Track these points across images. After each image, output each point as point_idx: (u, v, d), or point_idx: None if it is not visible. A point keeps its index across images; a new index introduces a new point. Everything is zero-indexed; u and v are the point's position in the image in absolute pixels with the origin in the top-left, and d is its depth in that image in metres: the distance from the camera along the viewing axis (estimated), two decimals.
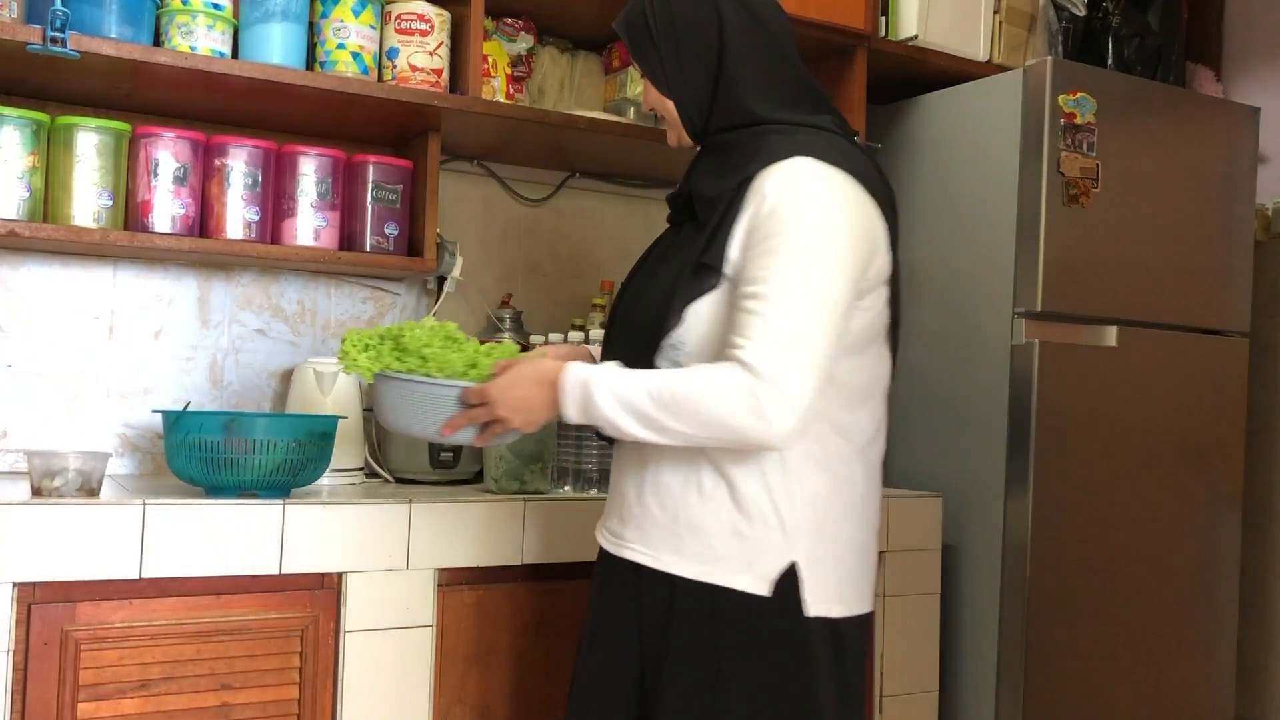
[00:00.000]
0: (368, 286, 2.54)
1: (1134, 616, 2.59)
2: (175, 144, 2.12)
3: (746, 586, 1.42)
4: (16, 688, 1.68)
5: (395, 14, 2.25)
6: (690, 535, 1.45)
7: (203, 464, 1.86)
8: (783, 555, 1.43)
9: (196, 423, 1.87)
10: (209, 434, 1.85)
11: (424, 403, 1.56)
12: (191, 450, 1.86)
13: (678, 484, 1.47)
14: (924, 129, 2.76)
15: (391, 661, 1.92)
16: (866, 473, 1.53)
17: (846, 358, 1.44)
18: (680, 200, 1.57)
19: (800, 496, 1.44)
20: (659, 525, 1.48)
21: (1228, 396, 2.75)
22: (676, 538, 1.46)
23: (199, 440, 1.85)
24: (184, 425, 1.87)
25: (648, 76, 1.58)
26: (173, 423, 1.89)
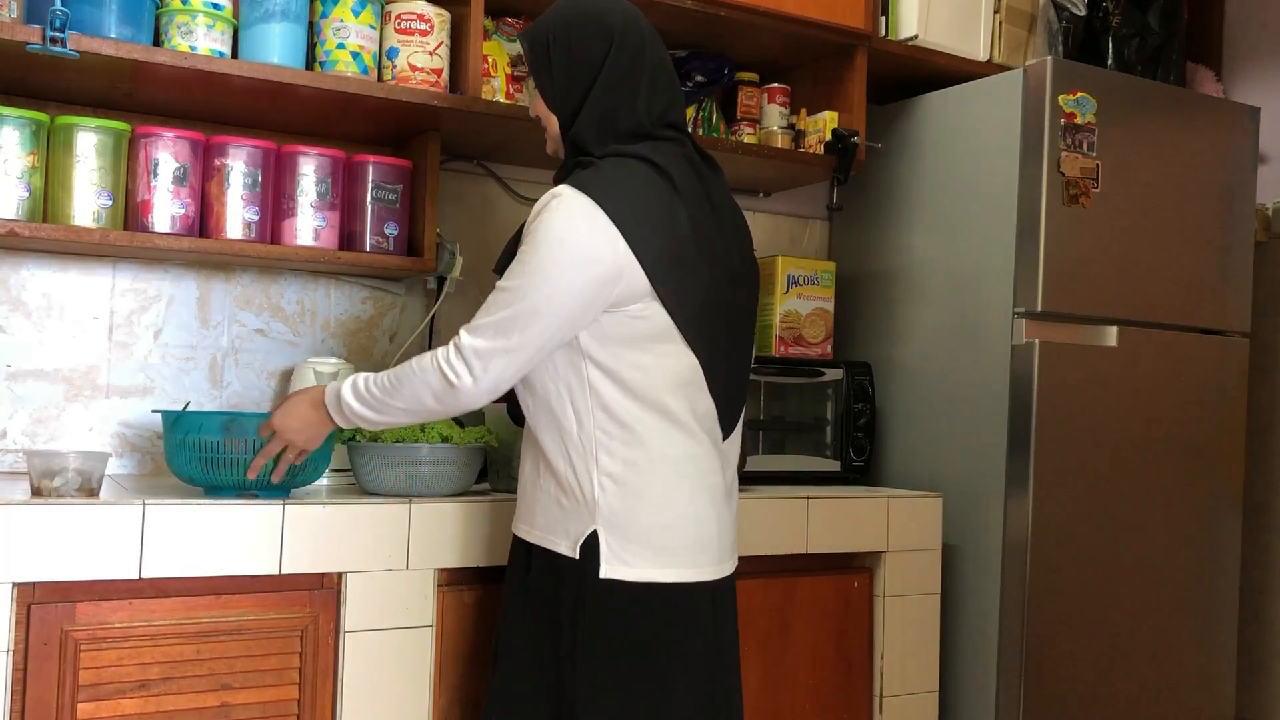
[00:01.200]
0: (367, 286, 2.54)
1: (1134, 616, 2.59)
2: (175, 144, 2.12)
3: (563, 549, 1.66)
4: (16, 688, 1.68)
5: (395, 14, 2.25)
6: (533, 508, 1.72)
7: (202, 464, 1.86)
8: (586, 524, 1.64)
9: (196, 423, 1.87)
10: (208, 434, 1.85)
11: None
12: (191, 450, 1.86)
13: (528, 466, 1.74)
14: (924, 129, 2.76)
15: (391, 661, 1.92)
16: (687, 454, 1.66)
17: (624, 352, 1.63)
18: None
19: (598, 475, 1.64)
20: (521, 501, 1.76)
21: (1228, 396, 2.75)
22: (528, 510, 1.73)
23: (198, 440, 1.85)
24: (184, 425, 1.87)
25: (540, 91, 1.75)
26: (172, 423, 1.89)
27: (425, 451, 1.98)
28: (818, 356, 2.76)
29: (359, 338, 2.52)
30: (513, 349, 1.61)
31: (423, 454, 1.98)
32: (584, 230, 1.59)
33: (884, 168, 2.84)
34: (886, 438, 2.77)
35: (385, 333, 2.55)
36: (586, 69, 1.69)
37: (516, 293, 1.61)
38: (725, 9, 2.46)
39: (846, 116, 2.67)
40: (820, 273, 2.78)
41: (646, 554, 1.63)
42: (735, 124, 2.75)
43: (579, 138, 1.71)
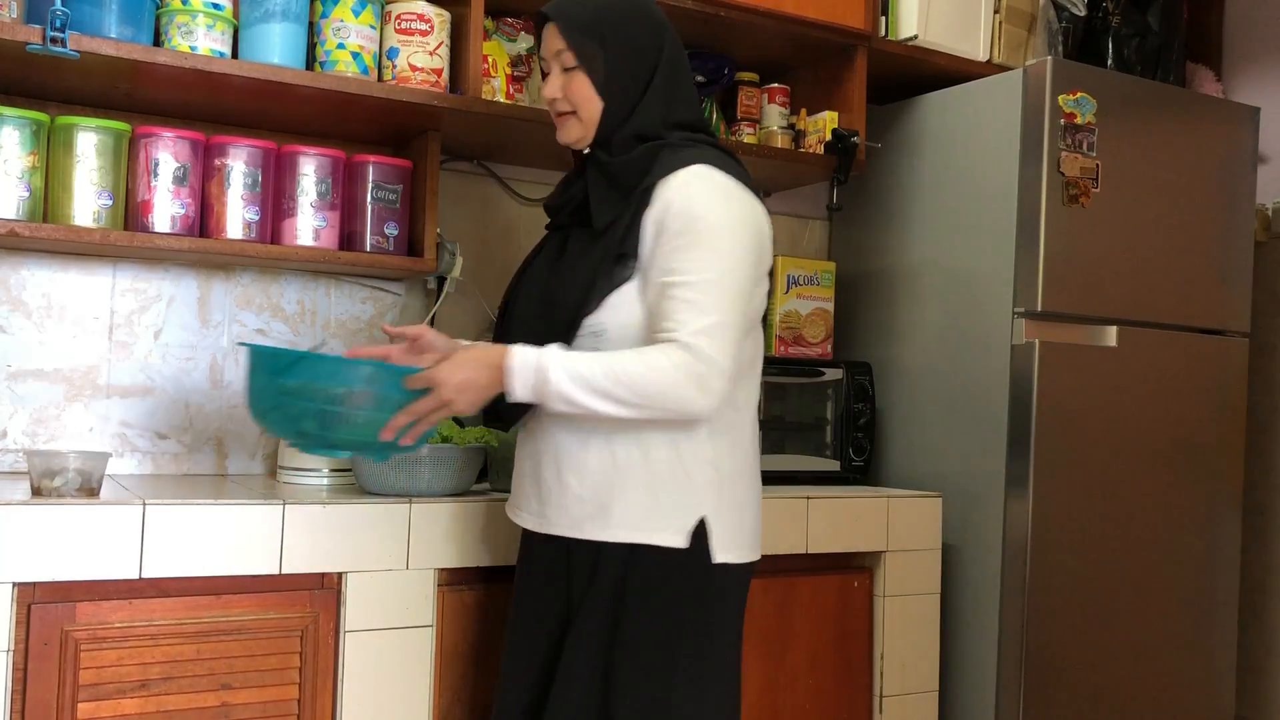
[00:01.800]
0: (368, 286, 2.54)
1: (1134, 616, 2.59)
2: (175, 144, 2.12)
3: (665, 541, 1.60)
4: (16, 688, 1.68)
5: (395, 14, 2.25)
6: (611, 504, 1.62)
7: (319, 418, 1.58)
8: (694, 511, 1.62)
9: (326, 369, 1.59)
10: (338, 384, 1.57)
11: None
12: (305, 400, 1.57)
13: (593, 459, 1.63)
14: (924, 129, 2.76)
15: (391, 661, 1.92)
16: (752, 438, 1.74)
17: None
18: (568, 208, 1.74)
19: (705, 459, 1.63)
20: (581, 500, 1.64)
21: (1228, 396, 2.75)
22: (600, 508, 1.62)
23: (323, 390, 1.57)
24: (304, 370, 1.58)
25: (586, 73, 1.67)
26: (287, 365, 1.60)
27: (425, 451, 1.98)
28: (818, 356, 2.76)
29: (359, 338, 2.52)
30: (738, 342, 1.59)
31: (423, 454, 1.98)
32: (747, 205, 1.63)
33: (884, 168, 2.84)
34: (886, 438, 2.77)
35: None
36: (648, 56, 1.68)
37: (716, 283, 1.56)
38: (725, 9, 2.46)
39: (846, 116, 2.67)
40: (820, 273, 2.78)
41: (741, 537, 1.68)
42: (735, 124, 2.75)
43: (643, 126, 1.68)
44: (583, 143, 1.72)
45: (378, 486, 1.99)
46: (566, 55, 1.68)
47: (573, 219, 1.74)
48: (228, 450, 2.38)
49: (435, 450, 1.99)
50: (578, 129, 1.72)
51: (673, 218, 1.58)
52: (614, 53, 1.67)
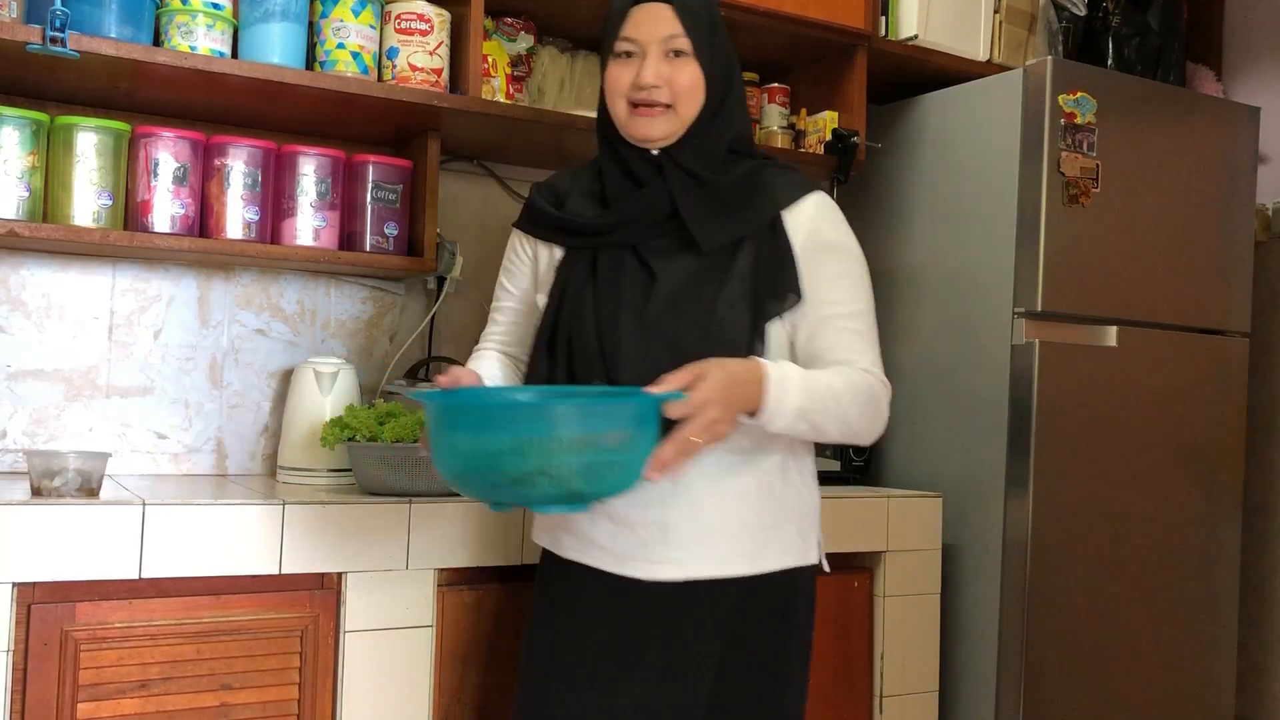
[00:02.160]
0: (368, 286, 2.54)
1: (1134, 616, 2.59)
2: (175, 144, 2.12)
3: (810, 559, 1.64)
4: (16, 688, 1.68)
5: (395, 14, 2.25)
6: (767, 533, 1.58)
7: (586, 471, 1.28)
8: (814, 526, 1.67)
9: (567, 418, 1.27)
10: (580, 428, 1.27)
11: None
12: (578, 454, 1.26)
13: (743, 492, 1.56)
14: (924, 129, 2.76)
15: (391, 661, 1.92)
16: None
17: None
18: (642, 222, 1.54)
19: (809, 474, 1.68)
20: (733, 536, 1.55)
21: (1228, 396, 2.75)
22: (757, 540, 1.57)
23: (566, 439, 1.26)
24: (542, 419, 1.28)
25: (698, 62, 1.55)
26: (523, 415, 1.31)
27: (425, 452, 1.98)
28: None
29: (359, 338, 2.52)
30: None
31: (423, 454, 1.98)
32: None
33: (884, 168, 2.84)
34: (886, 438, 2.77)
35: (385, 333, 2.55)
36: (734, 59, 1.63)
37: (870, 312, 1.60)
38: (725, 9, 2.44)
39: (846, 116, 2.67)
40: None
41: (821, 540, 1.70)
42: None
43: (734, 135, 1.60)
44: (665, 142, 1.56)
45: (378, 486, 1.99)
46: (680, 40, 1.53)
47: (647, 234, 1.55)
48: (228, 450, 2.38)
49: None
50: (669, 124, 1.55)
51: (826, 250, 1.55)
52: (720, 48, 1.58)
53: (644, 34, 1.54)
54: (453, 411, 1.33)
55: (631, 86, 1.54)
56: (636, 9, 1.55)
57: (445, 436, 1.31)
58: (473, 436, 1.28)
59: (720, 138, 1.59)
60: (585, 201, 1.62)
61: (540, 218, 1.66)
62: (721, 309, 1.50)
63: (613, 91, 1.57)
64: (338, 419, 2.04)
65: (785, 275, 1.53)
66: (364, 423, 2.01)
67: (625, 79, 1.55)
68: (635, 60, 1.55)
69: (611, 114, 1.59)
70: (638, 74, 1.54)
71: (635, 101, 1.55)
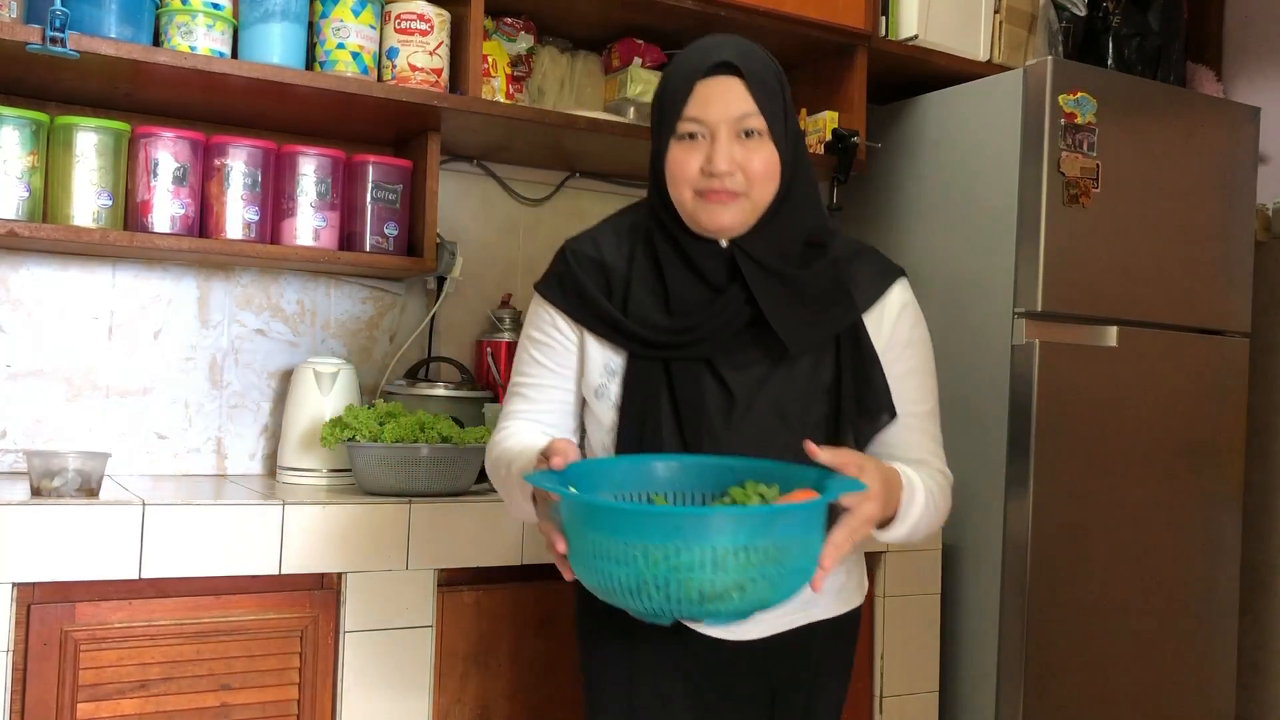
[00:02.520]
0: (367, 286, 2.54)
1: (1134, 616, 2.58)
2: (175, 144, 2.12)
3: (860, 600, 1.59)
4: (16, 688, 1.68)
5: (395, 14, 2.25)
6: (845, 576, 1.55)
7: (771, 578, 1.15)
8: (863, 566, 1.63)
9: (788, 520, 1.16)
10: (778, 536, 1.14)
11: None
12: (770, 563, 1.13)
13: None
14: (924, 129, 2.76)
15: (391, 661, 1.92)
16: None
17: None
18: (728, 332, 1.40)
19: None
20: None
21: (1228, 396, 2.75)
22: (838, 585, 1.53)
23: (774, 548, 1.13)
24: (770, 525, 1.14)
25: (774, 140, 1.38)
26: (738, 523, 1.13)
27: (425, 452, 1.98)
28: None
29: (359, 338, 2.52)
30: None
31: (422, 454, 1.98)
32: None
33: (884, 168, 2.84)
34: None
35: (385, 333, 2.55)
36: (800, 131, 1.46)
37: (937, 406, 1.54)
38: (725, 9, 2.46)
39: (846, 116, 2.67)
40: None
41: None
42: None
43: (811, 220, 1.45)
44: (736, 231, 1.40)
45: (378, 487, 1.99)
46: (754, 119, 1.36)
47: (725, 345, 1.41)
48: (228, 450, 2.38)
49: (435, 450, 1.99)
50: (742, 213, 1.38)
51: (902, 346, 1.48)
52: (791, 122, 1.40)
53: (713, 113, 1.36)
54: (636, 520, 1.14)
55: (701, 174, 1.37)
56: (704, 83, 1.36)
57: (615, 546, 1.13)
58: (660, 546, 1.11)
59: (797, 227, 1.43)
60: (649, 300, 1.43)
61: (597, 313, 1.46)
62: (811, 431, 1.39)
63: (677, 179, 1.38)
64: (338, 419, 2.04)
65: (877, 392, 1.43)
66: (364, 423, 2.01)
67: (692, 165, 1.37)
68: (702, 143, 1.37)
69: (675, 202, 1.40)
70: (708, 159, 1.36)
71: (706, 190, 1.37)
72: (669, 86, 1.40)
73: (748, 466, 1.31)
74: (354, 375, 2.28)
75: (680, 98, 1.37)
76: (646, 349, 1.42)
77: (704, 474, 1.32)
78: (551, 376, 1.52)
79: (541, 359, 1.52)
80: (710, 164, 1.35)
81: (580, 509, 1.18)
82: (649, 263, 1.45)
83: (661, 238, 1.44)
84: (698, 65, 1.37)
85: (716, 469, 1.32)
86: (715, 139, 1.36)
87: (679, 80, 1.38)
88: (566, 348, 1.50)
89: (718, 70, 1.35)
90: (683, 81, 1.37)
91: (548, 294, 1.51)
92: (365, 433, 1.99)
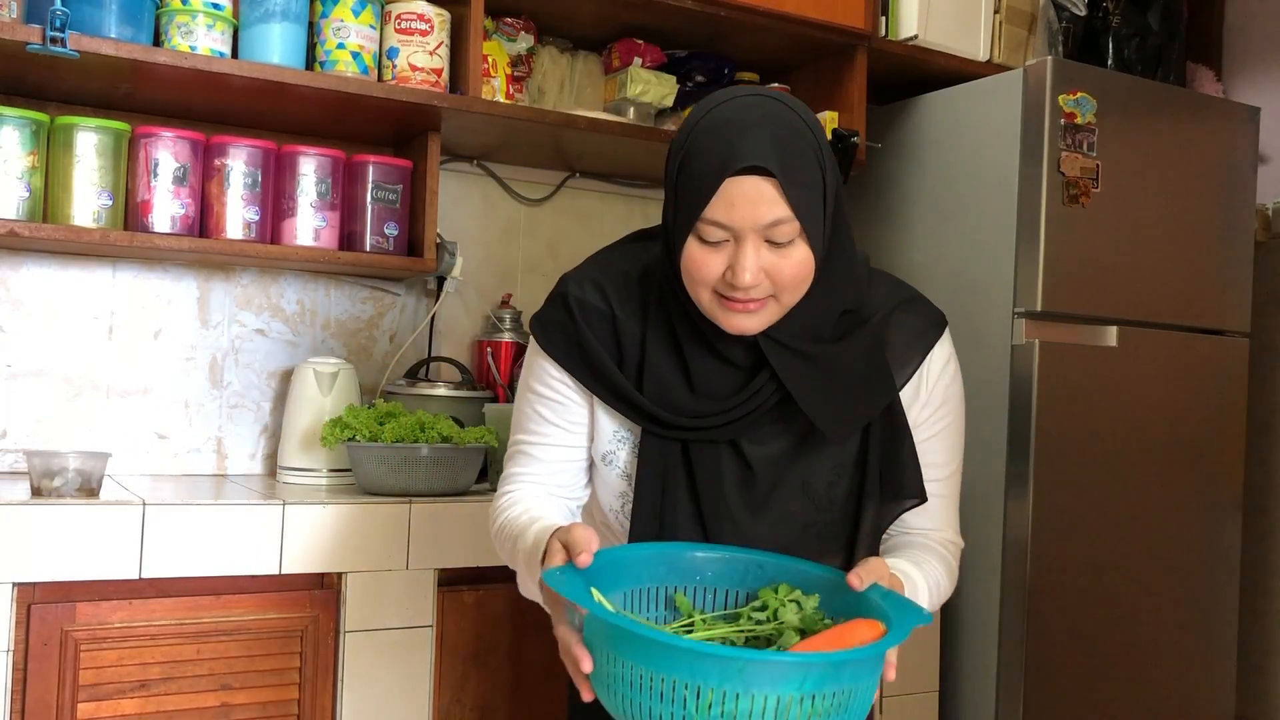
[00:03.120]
0: (367, 286, 2.54)
1: (1134, 616, 2.58)
2: (175, 144, 2.12)
3: None
4: (16, 688, 1.68)
5: (395, 14, 2.25)
6: None
7: None
8: None
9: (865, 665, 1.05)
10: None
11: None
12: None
13: None
14: (924, 129, 2.76)
15: (391, 661, 1.92)
16: None
17: None
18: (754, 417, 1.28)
19: None
20: None
21: (1228, 396, 2.75)
22: None
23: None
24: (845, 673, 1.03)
25: (809, 244, 1.20)
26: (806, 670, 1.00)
27: (425, 452, 1.98)
28: None
29: (359, 338, 2.52)
30: None
31: (423, 454, 1.98)
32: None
33: (884, 168, 2.84)
34: None
35: (385, 333, 2.55)
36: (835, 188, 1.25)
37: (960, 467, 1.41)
38: (725, 9, 2.46)
39: (846, 116, 2.67)
40: None
41: None
42: None
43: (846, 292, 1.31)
44: (753, 331, 1.25)
45: (377, 487, 1.99)
46: (789, 225, 1.18)
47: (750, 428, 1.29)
48: (227, 450, 2.38)
49: (435, 450, 1.99)
50: (770, 316, 1.24)
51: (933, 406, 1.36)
52: (832, 193, 1.23)
53: (740, 219, 1.17)
54: (692, 659, 1.00)
55: (722, 281, 1.21)
56: (732, 183, 1.17)
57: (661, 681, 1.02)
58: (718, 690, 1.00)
59: (832, 304, 1.29)
60: (670, 375, 1.30)
61: (610, 386, 1.32)
62: (836, 508, 1.31)
63: (696, 280, 1.22)
64: (338, 419, 2.04)
65: (905, 474, 1.31)
66: (364, 423, 2.01)
67: (712, 269, 1.21)
68: (726, 247, 1.20)
69: (692, 298, 1.25)
70: (730, 268, 1.19)
71: (728, 297, 1.21)
72: (692, 175, 1.20)
73: (778, 565, 1.22)
74: (354, 375, 2.28)
75: (704, 194, 1.18)
76: (666, 430, 1.30)
77: (730, 569, 1.23)
78: (561, 435, 1.38)
79: (550, 416, 1.38)
80: (734, 276, 1.19)
81: (618, 633, 1.04)
82: (665, 327, 1.31)
83: (679, 315, 1.29)
84: (726, 159, 1.17)
85: (744, 565, 1.23)
86: (740, 244, 1.18)
87: (705, 172, 1.19)
88: (578, 404, 1.37)
89: (748, 171, 1.17)
90: (708, 173, 1.19)
91: (551, 350, 1.35)
92: (365, 433, 1.99)
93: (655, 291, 1.32)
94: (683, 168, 1.22)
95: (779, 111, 1.21)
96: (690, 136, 1.22)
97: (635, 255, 1.37)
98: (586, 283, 1.35)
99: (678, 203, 1.23)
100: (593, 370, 1.32)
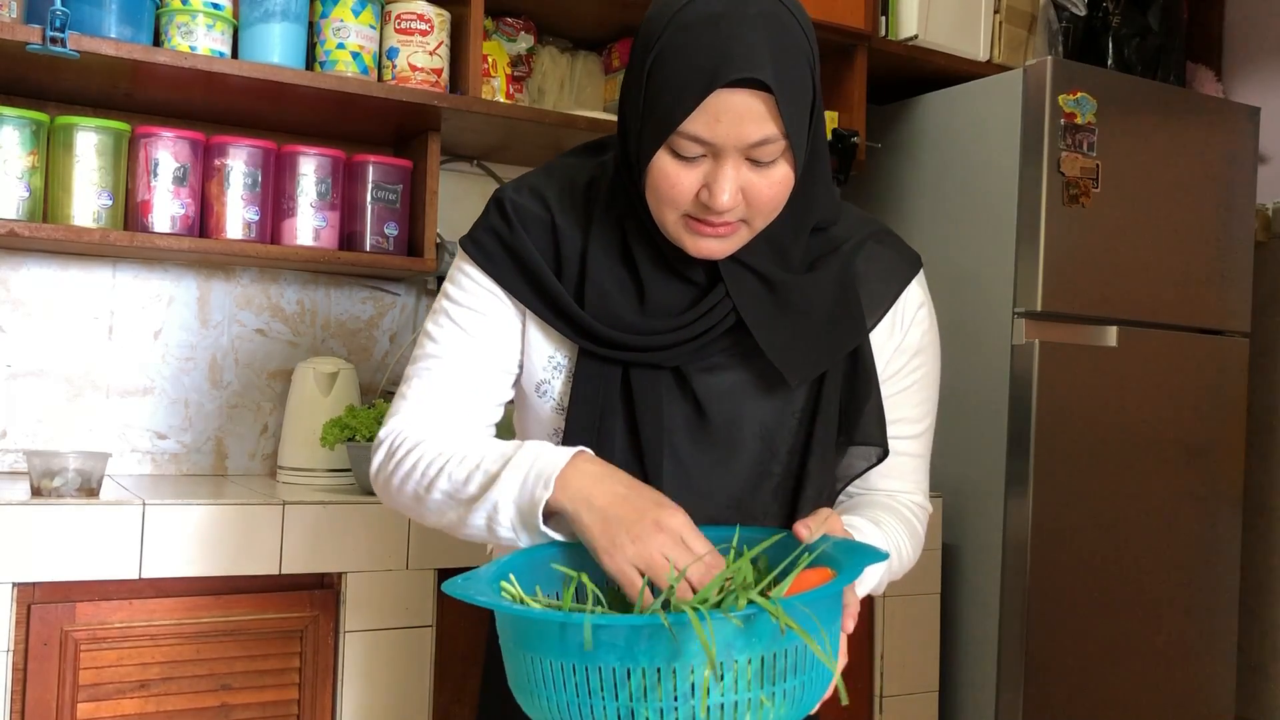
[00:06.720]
0: (367, 286, 2.54)
1: (1134, 616, 2.59)
2: (175, 144, 2.12)
3: None
4: (16, 688, 1.68)
5: (395, 14, 2.25)
6: None
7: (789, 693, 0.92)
8: None
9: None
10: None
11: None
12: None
13: None
14: (924, 129, 2.76)
15: (391, 661, 1.92)
16: None
17: None
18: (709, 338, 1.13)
19: None
20: None
21: (1228, 396, 2.75)
22: None
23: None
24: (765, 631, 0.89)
25: (793, 165, 1.07)
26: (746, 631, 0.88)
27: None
28: None
29: (359, 338, 2.52)
30: None
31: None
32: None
33: (884, 168, 2.84)
34: None
35: (385, 333, 2.55)
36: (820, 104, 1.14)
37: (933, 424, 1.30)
38: None
39: (846, 116, 2.67)
40: None
41: None
42: None
43: (820, 213, 1.17)
44: (722, 255, 1.11)
45: None
46: (776, 144, 1.04)
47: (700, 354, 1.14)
48: (228, 450, 2.38)
49: None
50: (739, 241, 1.10)
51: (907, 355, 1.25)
52: (819, 106, 1.12)
53: (724, 136, 1.02)
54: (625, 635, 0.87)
55: (695, 202, 1.06)
56: (721, 95, 1.01)
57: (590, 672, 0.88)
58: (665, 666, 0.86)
59: (801, 224, 1.15)
60: (615, 290, 1.14)
61: (547, 298, 1.16)
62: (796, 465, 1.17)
63: (663, 199, 1.06)
64: (338, 419, 2.04)
65: (871, 425, 1.17)
66: (364, 423, 2.01)
67: (684, 187, 1.05)
68: (702, 163, 1.05)
69: (654, 216, 1.10)
70: (706, 187, 1.05)
71: (698, 218, 1.07)
72: (669, 78, 1.03)
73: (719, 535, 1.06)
74: (354, 375, 2.28)
75: (684, 104, 1.01)
76: (608, 349, 1.14)
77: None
78: (480, 353, 1.19)
79: (470, 327, 1.19)
80: (710, 198, 1.04)
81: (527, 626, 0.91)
82: (613, 239, 1.15)
83: (633, 226, 1.14)
84: (715, 65, 1.00)
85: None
86: (720, 162, 1.04)
87: (685, 73, 1.01)
88: (506, 320, 1.19)
89: (740, 84, 1.01)
90: (690, 80, 1.01)
91: (482, 259, 1.19)
92: (365, 433, 1.99)
93: (602, 201, 1.16)
94: (658, 66, 1.04)
95: (772, 9, 1.05)
96: (668, 28, 1.03)
97: (582, 165, 1.22)
98: (524, 188, 1.21)
99: (647, 107, 1.05)
100: (528, 279, 1.16)
